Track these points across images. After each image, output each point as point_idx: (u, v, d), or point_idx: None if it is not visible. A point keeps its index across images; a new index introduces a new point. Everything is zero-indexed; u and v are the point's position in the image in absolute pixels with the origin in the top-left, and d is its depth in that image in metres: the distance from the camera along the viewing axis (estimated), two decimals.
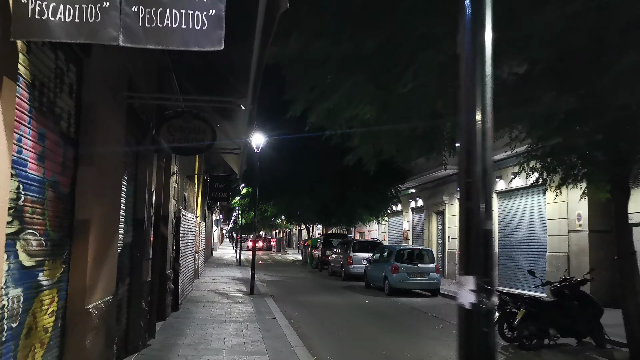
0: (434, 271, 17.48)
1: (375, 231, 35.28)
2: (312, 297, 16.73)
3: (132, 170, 7.63)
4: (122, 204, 7.08)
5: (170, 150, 8.45)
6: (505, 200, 19.44)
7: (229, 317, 11.48)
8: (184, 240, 13.74)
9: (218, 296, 15.25)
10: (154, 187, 8.67)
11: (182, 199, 13.95)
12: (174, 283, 11.88)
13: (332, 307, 14.65)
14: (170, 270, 11.51)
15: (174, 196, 11.78)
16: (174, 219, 12.02)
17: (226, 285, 18.42)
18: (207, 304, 13.38)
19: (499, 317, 9.86)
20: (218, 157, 16.62)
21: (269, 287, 19.40)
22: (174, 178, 11.82)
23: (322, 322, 11.97)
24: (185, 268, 14.51)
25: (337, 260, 24.72)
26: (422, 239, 27.09)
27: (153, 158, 8.50)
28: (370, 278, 19.63)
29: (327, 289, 19.42)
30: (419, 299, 16.64)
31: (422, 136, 9.92)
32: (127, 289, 7.57)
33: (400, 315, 13.39)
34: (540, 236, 17.10)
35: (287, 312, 13.06)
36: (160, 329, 9.71)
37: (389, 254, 18.52)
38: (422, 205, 27.10)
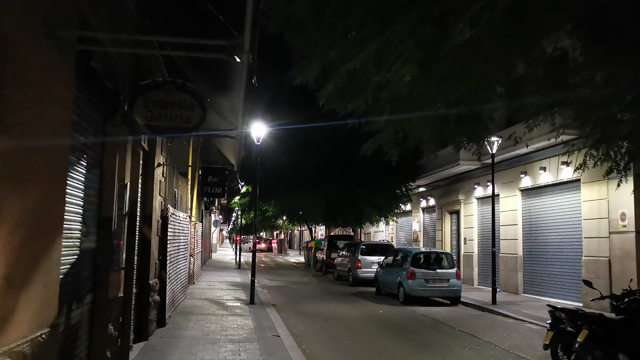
0: (455, 277, 15.69)
1: (382, 232, 33.46)
2: (320, 307, 14.94)
3: (94, 154, 5.86)
4: (77, 197, 5.30)
5: (148, 131, 6.67)
6: (530, 198, 17.64)
7: (225, 334, 9.69)
8: (173, 243, 11.96)
9: (214, 306, 13.46)
10: (128, 178, 6.89)
11: (171, 196, 12.17)
12: (160, 294, 10.10)
13: (344, 319, 12.86)
14: (155, 279, 9.73)
15: (160, 192, 10.01)
16: (160, 219, 10.24)
17: (224, 293, 16.63)
18: (200, 317, 11.60)
19: (552, 337, 8.08)
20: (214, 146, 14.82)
21: (271, 293, 17.61)
22: (160, 170, 10.04)
23: (335, 341, 10.18)
24: (176, 275, 12.73)
25: (344, 263, 22.92)
26: (433, 241, 25.29)
27: (126, 141, 6.72)
28: (382, 284, 17.83)
29: (335, 296, 17.63)
30: (439, 309, 14.84)
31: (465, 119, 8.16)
32: (88, 309, 5.79)
33: (424, 330, 11.60)
34: (574, 238, 15.30)
35: (293, 326, 11.28)
36: (138, 353, 7.92)
37: (403, 257, 16.73)
38: (434, 204, 25.30)
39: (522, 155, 17.24)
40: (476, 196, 21.02)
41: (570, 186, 15.53)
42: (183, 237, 13.95)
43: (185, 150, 15.18)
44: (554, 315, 8.26)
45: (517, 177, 17.79)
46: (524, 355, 9.03)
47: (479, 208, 21.05)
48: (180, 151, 14.04)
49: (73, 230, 5.22)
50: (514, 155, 17.31)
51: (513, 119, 14.79)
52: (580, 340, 7.61)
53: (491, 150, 15.56)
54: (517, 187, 17.98)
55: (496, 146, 15.51)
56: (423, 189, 26.40)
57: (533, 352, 9.20)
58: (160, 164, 9.74)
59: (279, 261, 41.82)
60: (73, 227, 5.21)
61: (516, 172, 17.81)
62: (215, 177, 11.78)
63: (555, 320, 8.20)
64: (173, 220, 11.69)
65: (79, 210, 5.37)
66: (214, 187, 11.83)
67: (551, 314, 8.33)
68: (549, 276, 16.40)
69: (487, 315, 13.83)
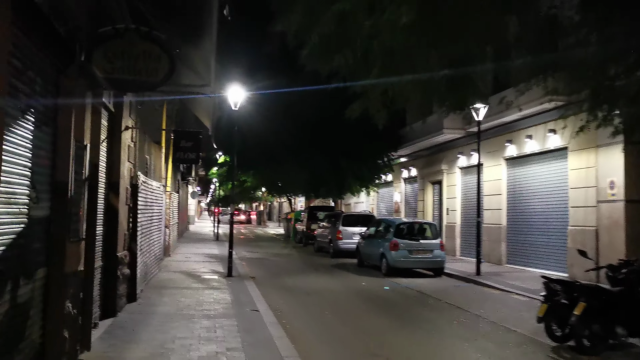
0: (439, 248, 15.29)
1: (362, 203, 33.03)
2: (300, 280, 14.45)
3: (45, 110, 5.10)
4: (22, 157, 4.58)
5: (109, 85, 5.93)
6: (515, 167, 17.24)
7: (200, 309, 9.10)
8: (145, 213, 11.25)
9: (189, 279, 12.85)
10: (87, 139, 6.14)
11: (143, 164, 11.40)
12: (130, 267, 9.44)
13: (325, 292, 12.38)
14: (124, 252, 9.05)
15: (128, 158, 9.25)
16: (130, 187, 9.50)
17: (200, 265, 16.02)
18: (174, 291, 10.99)
19: (547, 310, 7.66)
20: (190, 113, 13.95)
21: (250, 266, 17.06)
22: (129, 134, 9.27)
23: (317, 316, 9.68)
24: (149, 247, 12.06)
25: (325, 235, 22.45)
26: (415, 212, 24.95)
27: (85, 97, 5.95)
28: (364, 255, 17.40)
29: (316, 269, 17.16)
30: (423, 280, 14.47)
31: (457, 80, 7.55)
32: (41, 286, 5.12)
33: (409, 304, 11.18)
34: (560, 208, 14.97)
35: (272, 300, 10.74)
36: (104, 331, 7.30)
37: (386, 228, 16.27)
38: (415, 174, 24.87)
39: (507, 124, 16.78)
40: (459, 166, 20.59)
41: (557, 155, 15.14)
42: (157, 207, 13.23)
43: (158, 115, 14.34)
44: (549, 287, 7.83)
45: (502, 146, 17.35)
46: (514, 329, 8.64)
47: (462, 178, 20.65)
48: (152, 117, 13.22)
49: (18, 195, 4.51)
50: (499, 123, 16.84)
51: (501, 85, 14.25)
52: (577, 313, 7.20)
53: (477, 117, 15.03)
54: (501, 156, 17.56)
55: (483, 113, 14.98)
56: (405, 159, 25.91)
57: (523, 325, 8.81)
58: (128, 127, 8.96)
59: (258, 233, 41.31)
60: (18, 191, 4.50)
61: (501, 141, 17.36)
62: (188, 142, 10.94)
63: (550, 292, 7.78)
64: (144, 188, 10.96)
65: (25, 172, 4.65)
66: (188, 152, 11.00)
67: (545, 286, 7.91)
68: (534, 246, 16.13)
69: (472, 286, 13.49)
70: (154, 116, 13.47)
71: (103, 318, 7.96)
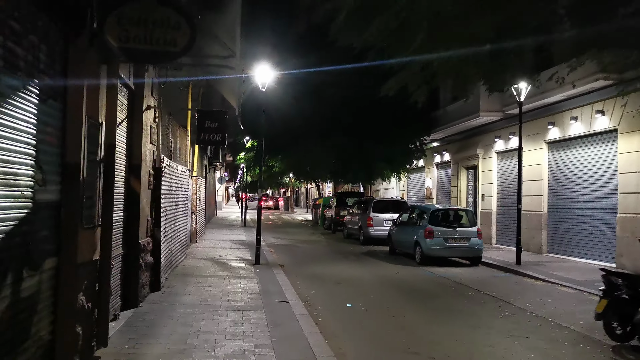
0: (476, 236, 14.52)
1: (392, 189, 32.26)
2: (330, 268, 13.88)
3: (52, 82, 4.58)
4: (25, 134, 4.07)
5: (124, 55, 5.37)
6: (558, 151, 16.26)
7: (227, 300, 8.61)
8: (170, 198, 10.80)
9: (216, 267, 12.41)
10: (102, 117, 5.62)
11: (166, 147, 10.93)
12: (154, 255, 8.99)
13: (357, 282, 11.79)
14: (147, 238, 8.60)
15: (150, 139, 8.76)
16: (152, 170, 9.03)
17: (227, 252, 15.60)
18: (200, 279, 10.54)
19: (607, 306, 6.92)
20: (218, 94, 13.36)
21: (278, 253, 16.59)
22: (151, 115, 8.77)
23: (350, 308, 9.10)
24: (174, 233, 11.63)
25: (354, 221, 21.82)
26: (448, 198, 24.09)
27: (98, 69, 5.42)
28: (396, 243, 16.74)
29: (346, 256, 16.58)
30: (459, 270, 13.75)
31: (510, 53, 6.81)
32: (50, 277, 4.63)
33: (447, 294, 10.50)
34: (608, 194, 14.02)
35: (302, 290, 10.22)
36: (124, 323, 6.85)
37: (420, 215, 15.55)
38: (449, 159, 23.96)
39: (550, 105, 15.80)
40: (496, 150, 19.64)
41: (605, 137, 14.14)
42: (182, 192, 12.79)
43: (183, 98, 13.84)
44: (609, 280, 7.08)
45: (544, 128, 16.37)
46: (566, 325, 7.91)
47: (499, 163, 19.71)
48: (177, 99, 12.74)
49: (20, 177, 4.00)
50: (541, 104, 15.86)
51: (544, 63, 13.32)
52: None
53: (519, 97, 14.13)
54: (543, 140, 16.58)
55: (525, 93, 14.07)
56: (437, 143, 25.00)
57: (576, 321, 8.07)
58: (150, 106, 8.45)
59: (285, 219, 40.94)
60: (19, 172, 3.99)
61: (543, 123, 16.38)
62: (213, 122, 10.33)
63: (610, 286, 7.03)
64: (169, 172, 10.50)
65: (28, 150, 4.14)
66: (213, 134, 10.40)
67: (605, 279, 7.15)
68: (577, 235, 15.21)
69: (512, 277, 12.72)
70: (179, 98, 12.97)
71: (124, 309, 7.53)
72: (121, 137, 7.39)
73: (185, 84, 13.15)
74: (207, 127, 10.48)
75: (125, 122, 7.60)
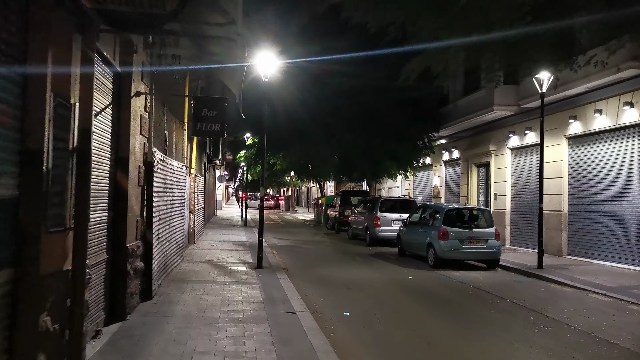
0: (494, 237, 13.53)
1: (397, 188, 31.27)
2: (338, 271, 12.90)
3: (6, 48, 3.61)
4: None
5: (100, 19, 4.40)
6: (580, 146, 15.28)
7: (226, 311, 7.64)
8: (164, 196, 9.84)
9: (215, 271, 11.44)
10: (76, 96, 4.65)
11: (160, 140, 9.96)
12: (145, 259, 8.02)
13: (369, 287, 10.81)
14: (136, 242, 7.63)
15: (141, 130, 7.79)
16: (143, 165, 8.05)
17: (227, 254, 14.62)
18: (197, 286, 9.57)
19: None
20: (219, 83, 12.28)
21: (280, 255, 15.61)
22: (142, 102, 7.80)
23: (363, 318, 8.12)
24: (170, 235, 10.67)
25: (360, 221, 20.84)
26: (457, 197, 23.12)
27: (69, 36, 4.44)
28: (405, 244, 15.76)
29: (353, 258, 15.60)
30: (477, 274, 12.78)
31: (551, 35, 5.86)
32: (5, 293, 3.67)
33: (470, 303, 9.52)
34: (636, 192, 13.05)
35: (309, 298, 9.26)
36: (108, 341, 5.88)
37: (433, 214, 14.56)
38: (458, 156, 22.99)
39: (572, 97, 14.82)
40: (510, 146, 18.64)
41: (633, 131, 13.17)
42: (178, 190, 11.83)
43: (180, 88, 12.84)
44: None
45: (565, 122, 15.39)
46: (614, 341, 6.93)
47: (514, 160, 18.72)
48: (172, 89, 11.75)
49: None
50: (562, 97, 14.89)
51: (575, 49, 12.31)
52: None
53: (541, 88, 13.15)
54: (563, 135, 15.59)
55: (546, 84, 13.09)
56: (445, 140, 24.01)
57: (623, 337, 7.11)
58: (140, 92, 7.48)
59: (287, 218, 39.96)
60: None
61: (563, 117, 15.39)
62: (211, 111, 9.25)
63: None
64: (163, 168, 9.53)
65: None
66: (211, 124, 9.30)
67: None
68: (601, 236, 14.23)
69: (536, 282, 11.75)
70: (174, 88, 11.98)
71: (109, 322, 6.57)
72: (105, 126, 6.44)
73: (182, 74, 12.18)
74: (204, 116, 9.43)
75: (110, 109, 6.65)
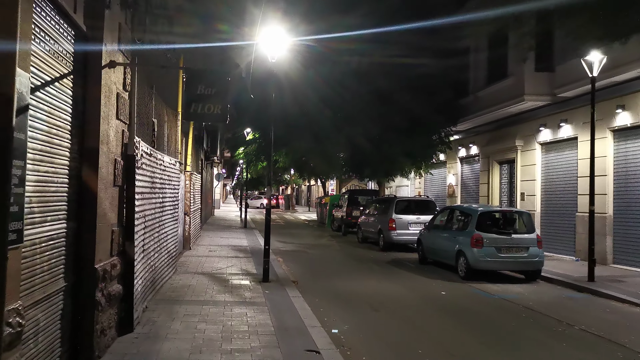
0: (535, 244, 11.73)
1: (406, 187, 29.44)
2: (356, 284, 11.09)
3: None
4: None
5: None
6: (628, 140, 13.46)
7: (229, 350, 5.82)
8: (152, 199, 8.03)
9: (213, 286, 9.63)
10: None
11: (147, 129, 8.13)
12: (124, 280, 6.21)
13: (398, 307, 8.99)
14: (112, 259, 5.81)
15: (118, 114, 5.97)
16: (122, 159, 6.23)
17: (227, 262, 12.80)
18: (192, 308, 7.76)
19: None
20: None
21: (287, 262, 13.82)
22: (119, 77, 5.99)
23: (405, 356, 6.31)
24: (160, 244, 8.87)
25: (372, 223, 19.02)
26: (475, 197, 21.31)
27: None
28: (428, 251, 13.95)
29: (369, 267, 13.80)
30: (517, 287, 10.99)
31: None
32: None
33: (528, 330, 7.68)
34: None
35: (331, 323, 7.48)
36: None
37: (463, 218, 12.74)
38: (476, 153, 21.16)
39: (620, 84, 13.02)
40: (540, 141, 16.81)
41: None
42: (170, 190, 10.02)
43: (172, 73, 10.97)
44: None
45: (610, 113, 13.56)
46: None
47: (544, 156, 16.89)
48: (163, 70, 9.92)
49: None
50: (607, 84, 13.05)
51: None
52: None
53: (591, 72, 11.36)
54: (607, 127, 13.77)
55: (597, 67, 11.30)
56: (461, 135, 22.11)
57: None
58: (115, 62, 5.66)
59: (288, 218, 38.13)
60: None
61: (608, 107, 13.55)
62: (209, 88, 7.31)
63: None
64: (149, 163, 7.72)
65: None
66: (209, 105, 7.36)
67: None
68: None
69: (593, 299, 9.96)
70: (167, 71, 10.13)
71: None
72: (62, 103, 4.62)
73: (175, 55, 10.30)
74: (200, 95, 7.50)
75: (71, 81, 4.84)
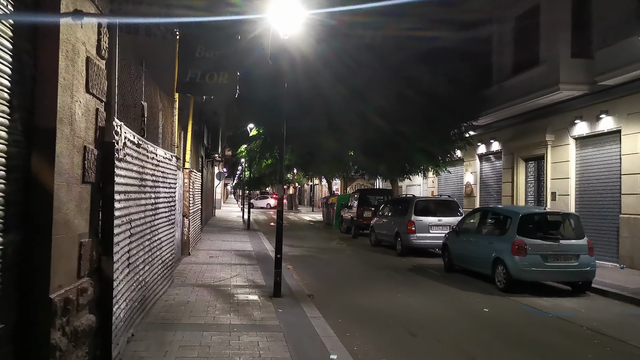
0: (586, 251, 10.19)
1: (418, 186, 27.87)
2: (381, 298, 9.55)
3: None
4: None
5: None
6: None
7: None
8: (141, 200, 6.51)
9: (215, 303, 8.09)
10: None
11: (135, 114, 6.60)
12: (99, 308, 4.68)
13: (438, 329, 7.45)
14: (79, 281, 4.28)
15: (88, 86, 4.45)
16: (95, 147, 4.71)
17: (231, 271, 11.27)
18: (189, 335, 6.23)
19: None
20: None
21: (298, 270, 12.30)
22: (90, 34, 4.47)
23: None
24: (151, 254, 7.34)
25: (387, 225, 17.46)
26: (496, 197, 19.76)
27: None
28: (457, 257, 12.41)
29: (390, 275, 12.25)
30: (568, 302, 9.46)
31: None
32: None
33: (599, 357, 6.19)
34: None
35: (363, 352, 5.98)
36: None
37: (500, 221, 11.17)
38: (498, 149, 19.59)
39: None
40: (575, 135, 15.24)
41: None
42: (165, 188, 8.50)
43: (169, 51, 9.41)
44: None
45: None
46: None
47: (579, 151, 15.32)
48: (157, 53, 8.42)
49: None
50: None
51: None
52: None
53: None
54: None
55: None
56: (480, 130, 20.44)
57: None
58: (82, 12, 4.13)
59: (292, 219, 36.54)
60: None
61: None
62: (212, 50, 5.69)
63: None
64: (136, 155, 6.19)
65: None
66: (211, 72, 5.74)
67: None
68: None
69: None
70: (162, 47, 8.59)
71: None
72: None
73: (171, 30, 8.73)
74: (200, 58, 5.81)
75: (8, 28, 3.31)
